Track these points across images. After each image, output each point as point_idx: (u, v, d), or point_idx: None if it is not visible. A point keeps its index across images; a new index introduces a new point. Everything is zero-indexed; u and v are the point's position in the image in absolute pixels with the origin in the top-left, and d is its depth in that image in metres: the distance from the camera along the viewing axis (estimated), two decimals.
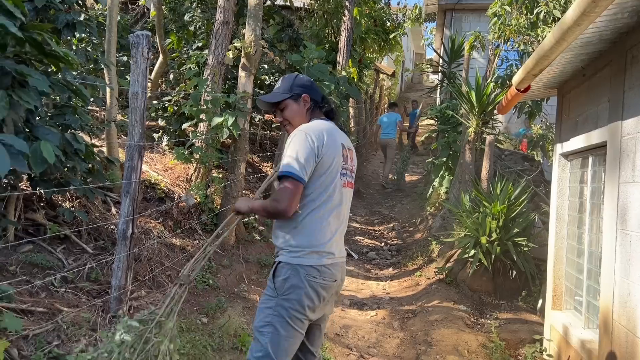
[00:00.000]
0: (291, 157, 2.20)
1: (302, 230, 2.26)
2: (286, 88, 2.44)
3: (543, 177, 7.93)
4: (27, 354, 2.76)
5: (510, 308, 5.12)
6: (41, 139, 2.04)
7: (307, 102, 2.44)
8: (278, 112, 2.48)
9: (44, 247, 3.85)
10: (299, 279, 2.21)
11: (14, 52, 2.15)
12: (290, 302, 2.21)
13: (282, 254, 2.29)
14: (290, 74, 2.52)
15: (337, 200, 2.32)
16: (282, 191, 2.17)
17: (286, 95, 2.43)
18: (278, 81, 2.52)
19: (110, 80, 4.70)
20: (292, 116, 2.43)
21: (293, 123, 2.41)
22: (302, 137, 2.24)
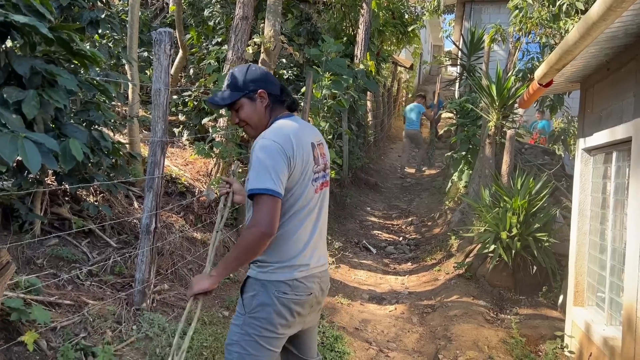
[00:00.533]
0: (262, 171, 1.93)
1: (272, 245, 2.01)
2: (238, 85, 2.12)
3: (564, 172, 7.83)
4: (55, 346, 2.83)
5: (530, 304, 5.09)
6: (69, 136, 2.09)
7: (264, 98, 2.13)
8: (232, 112, 2.17)
9: (69, 241, 3.93)
10: (268, 296, 2.03)
11: (43, 51, 2.20)
12: (259, 321, 2.03)
13: (252, 268, 2.10)
14: (240, 67, 2.19)
15: (309, 209, 2.10)
16: (259, 212, 1.91)
17: (239, 95, 2.11)
18: (227, 77, 2.19)
19: (132, 77, 4.76)
20: (250, 117, 2.13)
21: (251, 124, 2.14)
22: (269, 146, 1.96)
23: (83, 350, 2.86)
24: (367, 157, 11.61)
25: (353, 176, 10.14)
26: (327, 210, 2.26)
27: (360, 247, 7.17)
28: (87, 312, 3.19)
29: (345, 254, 6.58)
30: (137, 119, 4.87)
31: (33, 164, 1.61)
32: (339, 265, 6.15)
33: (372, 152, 12.71)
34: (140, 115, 5.81)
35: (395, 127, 18.38)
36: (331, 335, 4.05)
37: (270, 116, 2.15)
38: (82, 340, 2.93)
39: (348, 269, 6.15)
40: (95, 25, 3.80)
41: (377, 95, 13.41)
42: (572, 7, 5.40)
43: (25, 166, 3.34)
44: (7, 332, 2.73)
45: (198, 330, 3.39)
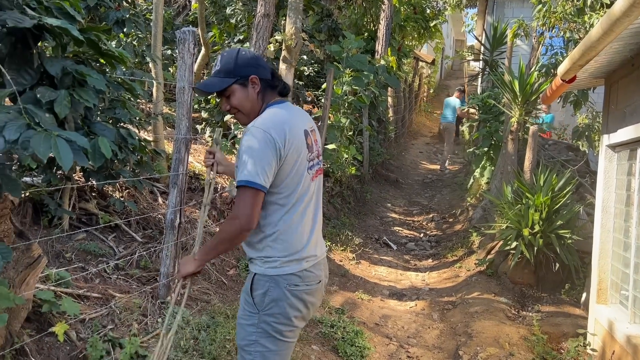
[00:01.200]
0: (249, 162, 1.87)
1: (277, 239, 1.99)
2: (229, 70, 2.02)
3: (588, 168, 7.72)
4: (84, 337, 2.92)
5: (552, 301, 5.05)
6: (98, 134, 2.16)
7: (256, 84, 2.04)
8: (223, 99, 2.07)
9: (96, 236, 4.04)
10: (280, 291, 1.99)
11: (73, 52, 2.27)
12: (274, 317, 2.00)
13: (257, 265, 2.04)
14: (229, 50, 2.09)
15: (308, 198, 2.06)
16: (239, 204, 1.89)
17: (230, 81, 2.01)
18: (215, 62, 2.09)
19: (157, 75, 4.84)
20: (241, 103, 2.04)
21: (243, 111, 2.05)
22: (259, 135, 1.89)
23: (111, 342, 2.95)
24: (388, 153, 11.60)
25: (373, 172, 10.15)
26: (321, 200, 2.22)
27: (381, 243, 7.18)
28: (114, 304, 3.28)
29: (365, 250, 6.61)
30: (161, 117, 4.96)
31: (65, 161, 1.68)
32: (359, 261, 6.18)
33: (393, 148, 12.69)
34: (164, 113, 5.91)
35: (417, 123, 18.30)
36: (351, 331, 4.09)
37: (263, 102, 2.07)
38: (110, 332, 3.01)
39: (368, 265, 6.17)
40: (121, 24, 3.89)
41: (398, 91, 13.36)
42: (597, 1, 5.33)
43: (54, 163, 3.46)
44: (38, 323, 2.83)
45: (221, 324, 3.46)
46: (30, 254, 2.61)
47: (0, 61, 1.91)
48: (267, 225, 2.00)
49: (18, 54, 1.95)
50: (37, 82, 2.03)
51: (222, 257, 4.55)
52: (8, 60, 1.94)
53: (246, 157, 1.88)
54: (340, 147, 7.14)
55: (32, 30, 1.89)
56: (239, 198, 1.90)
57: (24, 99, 1.87)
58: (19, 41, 1.97)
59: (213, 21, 8.46)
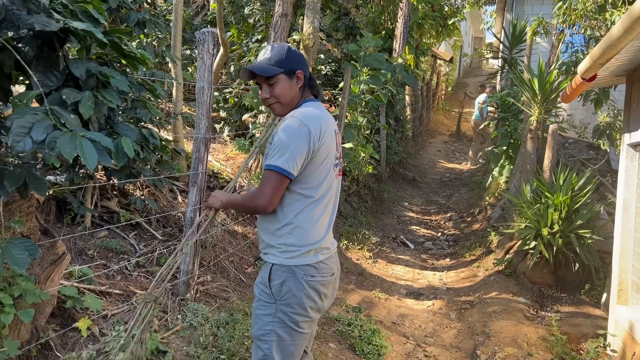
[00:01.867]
0: (282, 149, 1.96)
1: (297, 228, 2.05)
2: (279, 60, 2.09)
3: (610, 167, 7.62)
4: (106, 333, 2.99)
5: (572, 301, 5.00)
6: (121, 134, 2.20)
7: (300, 79, 2.13)
8: (265, 86, 2.11)
9: (118, 233, 4.11)
10: (297, 280, 2.04)
11: (96, 54, 2.33)
12: (291, 307, 2.05)
13: (274, 255, 2.09)
14: (280, 44, 2.16)
15: (331, 194, 2.15)
16: (264, 186, 1.98)
17: (280, 70, 2.07)
18: (265, 50, 2.15)
19: (177, 75, 4.90)
20: (283, 94, 2.10)
21: (282, 102, 2.11)
22: (297, 126, 1.98)
23: (132, 337, 3.00)
24: (405, 151, 11.57)
25: (391, 171, 10.13)
26: (339, 196, 2.32)
27: (398, 242, 7.18)
28: (135, 301, 3.34)
29: (382, 249, 6.61)
30: (180, 116, 5.02)
31: (90, 161, 1.72)
32: (377, 260, 6.19)
33: (411, 147, 12.65)
34: (184, 112, 5.98)
35: (435, 121, 18.20)
36: (369, 329, 4.10)
37: (301, 99, 2.16)
38: None
39: (385, 264, 6.18)
40: (142, 25, 3.95)
41: (415, 89, 13.32)
42: None
43: (77, 162, 3.53)
44: (62, 318, 2.90)
45: (240, 321, 3.50)
46: (55, 251, 2.68)
47: (27, 64, 1.96)
48: (289, 213, 2.06)
49: (44, 57, 2.00)
50: (62, 84, 2.08)
51: (240, 255, 4.60)
52: (35, 63, 1.99)
53: (280, 143, 1.97)
54: (358, 146, 7.14)
55: (58, 34, 1.94)
56: (265, 180, 1.98)
57: (50, 100, 1.92)
58: (45, 44, 2.03)
59: (231, 21, 8.52)
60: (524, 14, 12.19)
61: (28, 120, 1.80)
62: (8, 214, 2.34)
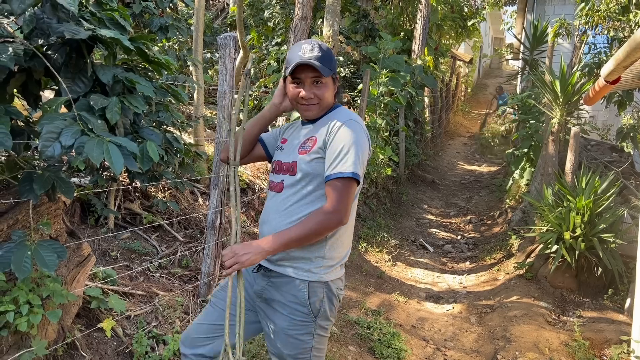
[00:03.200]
0: (352, 154, 1.84)
1: (339, 239, 1.96)
2: (330, 62, 1.95)
3: (633, 170, 7.50)
4: (130, 333, 3.04)
5: (594, 306, 4.93)
6: (146, 139, 2.24)
7: (337, 83, 2.06)
8: (309, 85, 1.95)
9: (140, 235, 4.18)
10: (332, 295, 1.97)
11: (122, 60, 2.37)
12: (327, 320, 1.99)
13: (311, 271, 1.94)
14: (323, 44, 1.99)
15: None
16: (341, 197, 1.83)
17: (331, 72, 1.95)
18: (310, 46, 1.93)
19: (198, 78, 4.96)
20: (325, 97, 1.97)
21: (322, 104, 1.98)
22: (360, 129, 1.91)
23: (155, 338, 3.05)
24: (424, 153, 11.52)
25: (410, 173, 10.10)
26: None
27: (417, 245, 7.15)
28: (157, 302, 3.39)
29: (401, 252, 6.59)
30: (202, 119, 5.08)
31: (117, 165, 1.76)
32: (396, 263, 6.17)
33: (430, 149, 12.58)
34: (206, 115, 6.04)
35: (454, 123, 18.09)
36: (388, 332, 4.10)
37: (334, 102, 2.06)
38: (154, 329, 3.12)
39: (404, 267, 6.16)
40: (165, 30, 4.01)
41: (434, 91, 13.25)
42: None
43: (101, 165, 3.60)
44: (87, 319, 2.96)
45: None
46: (80, 253, 2.73)
47: (57, 70, 2.01)
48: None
49: (73, 64, 2.05)
50: (89, 90, 2.12)
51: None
52: (64, 70, 2.04)
53: (349, 148, 1.84)
54: (377, 148, 7.14)
55: (86, 41, 1.99)
56: (340, 190, 1.83)
57: (78, 106, 1.97)
58: (73, 51, 2.08)
59: (251, 24, 8.59)
60: (545, 14, 12.05)
61: (57, 126, 1.84)
62: (36, 216, 2.40)
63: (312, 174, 1.92)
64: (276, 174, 2.06)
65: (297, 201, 1.94)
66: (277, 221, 1.96)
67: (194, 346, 2.11)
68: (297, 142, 2.02)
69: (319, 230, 1.83)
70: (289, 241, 1.83)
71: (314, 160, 1.92)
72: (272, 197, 2.05)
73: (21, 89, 2.19)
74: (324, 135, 1.92)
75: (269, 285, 1.99)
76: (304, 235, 1.83)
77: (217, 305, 2.12)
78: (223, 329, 2.05)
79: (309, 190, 1.94)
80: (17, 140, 2.16)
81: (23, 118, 2.14)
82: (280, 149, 2.12)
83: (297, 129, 2.12)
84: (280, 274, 1.96)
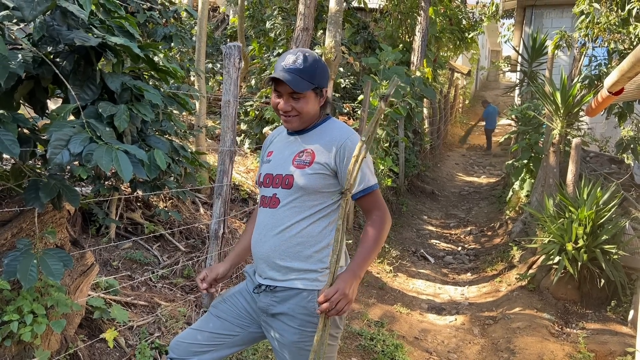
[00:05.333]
0: (367, 168, 1.93)
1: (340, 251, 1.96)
2: (312, 75, 1.88)
3: (633, 181, 7.50)
4: (132, 343, 3.00)
5: (597, 318, 4.91)
6: (153, 147, 2.23)
7: (324, 97, 1.99)
8: (287, 97, 1.91)
9: (142, 245, 4.15)
10: None
11: (129, 68, 2.37)
12: (337, 328, 1.96)
13: (320, 280, 1.92)
14: (311, 53, 1.95)
15: None
16: (381, 205, 1.95)
17: (311, 86, 1.89)
18: (295, 56, 1.90)
19: (200, 88, 4.96)
20: (306, 110, 1.92)
21: (303, 117, 1.93)
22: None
23: (158, 349, 3.02)
24: (424, 164, 11.53)
25: (409, 184, 10.09)
26: None
27: (418, 256, 7.13)
28: (160, 312, 3.36)
29: (402, 263, 6.57)
30: (204, 129, 5.07)
31: (126, 173, 1.75)
32: (397, 274, 6.15)
33: (429, 160, 12.60)
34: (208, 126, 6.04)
35: (452, 134, 18.14)
36: (391, 344, 4.07)
37: (320, 115, 2.01)
38: (157, 340, 3.09)
39: (406, 278, 6.13)
40: (169, 40, 4.01)
41: (433, 102, 13.30)
42: None
43: (103, 174, 3.57)
44: (89, 329, 2.92)
45: None
46: (84, 262, 2.71)
47: (65, 77, 2.00)
48: (328, 231, 1.94)
49: (81, 71, 2.04)
50: (97, 97, 2.12)
51: None
52: (72, 77, 2.03)
53: (364, 164, 1.89)
54: (377, 159, 7.13)
55: (95, 48, 1.98)
56: (376, 200, 1.94)
57: (86, 114, 1.96)
58: (82, 58, 2.07)
59: (251, 35, 8.62)
60: (543, 27, 12.14)
61: (66, 133, 1.83)
62: (41, 224, 2.38)
63: (311, 189, 1.91)
64: (266, 188, 2.01)
65: (299, 218, 1.92)
66: (276, 240, 1.94)
67: (188, 354, 2.06)
68: (289, 154, 1.98)
69: (384, 237, 1.94)
70: (367, 262, 1.90)
71: (315, 175, 1.90)
72: (266, 213, 1.99)
73: (28, 97, 2.18)
74: (326, 152, 1.91)
75: (275, 300, 1.95)
76: (379, 248, 1.92)
77: (219, 316, 2.09)
78: (224, 338, 2.06)
79: (309, 205, 1.92)
80: (24, 148, 2.15)
81: (30, 125, 2.13)
82: (268, 162, 2.06)
83: (284, 140, 2.06)
84: (286, 287, 1.93)
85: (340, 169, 1.90)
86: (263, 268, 1.98)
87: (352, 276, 1.81)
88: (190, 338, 2.08)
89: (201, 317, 2.18)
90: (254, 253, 2.03)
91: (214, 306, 2.13)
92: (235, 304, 2.08)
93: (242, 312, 2.06)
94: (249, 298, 2.06)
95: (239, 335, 2.07)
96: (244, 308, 2.06)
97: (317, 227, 1.93)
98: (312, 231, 1.92)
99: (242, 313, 2.06)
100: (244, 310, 2.06)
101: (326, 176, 1.91)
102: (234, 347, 2.10)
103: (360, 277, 1.85)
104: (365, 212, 1.97)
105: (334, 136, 1.94)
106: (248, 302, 2.06)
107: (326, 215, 1.95)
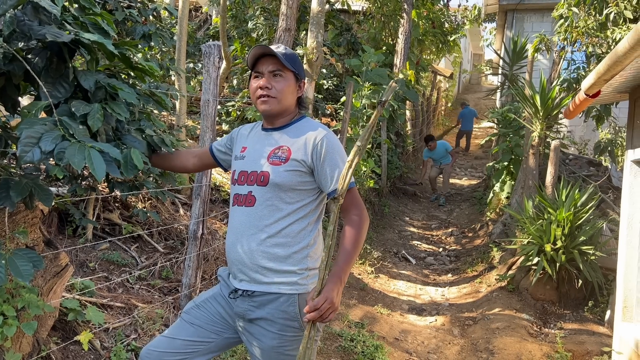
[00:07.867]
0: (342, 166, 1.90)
1: (317, 251, 1.96)
2: (293, 60, 1.96)
3: (611, 183, 7.63)
4: (108, 346, 2.95)
5: (575, 318, 4.97)
6: (130, 146, 2.20)
7: (302, 89, 2.05)
8: (268, 76, 1.93)
9: (119, 246, 4.09)
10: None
11: (104, 66, 2.33)
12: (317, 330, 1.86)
13: (299, 283, 1.90)
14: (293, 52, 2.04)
15: None
16: (359, 203, 1.91)
17: (292, 69, 1.95)
18: (275, 45, 1.98)
19: (180, 87, 4.92)
20: (284, 92, 1.94)
21: (280, 100, 1.94)
22: (338, 140, 1.97)
23: (134, 351, 2.97)
24: (406, 166, 11.57)
25: (392, 186, 10.12)
26: None
27: (400, 257, 7.15)
28: (136, 314, 3.31)
29: (384, 264, 6.58)
30: (184, 129, 5.02)
31: (99, 171, 1.71)
32: (378, 275, 6.15)
33: (411, 162, 12.65)
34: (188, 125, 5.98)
35: None
36: (371, 345, 4.06)
37: (295, 110, 2.04)
38: (133, 342, 3.04)
39: (387, 279, 6.14)
40: (148, 38, 3.96)
41: (416, 105, 13.37)
42: (620, 16, 5.29)
43: (79, 174, 3.51)
44: (64, 331, 2.87)
45: None
46: (58, 263, 2.65)
47: (37, 74, 1.96)
48: (307, 232, 1.92)
49: (54, 68, 2.00)
50: (70, 95, 2.07)
51: None
52: (44, 74, 1.99)
53: (341, 161, 1.90)
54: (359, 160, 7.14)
55: (68, 45, 1.94)
56: (355, 198, 1.90)
57: (59, 112, 1.92)
58: (55, 55, 2.03)
59: (234, 35, 8.57)
60: (523, 31, 12.30)
61: (37, 131, 1.79)
62: (12, 224, 2.33)
63: (287, 186, 1.89)
64: (241, 185, 1.97)
65: (277, 217, 1.89)
66: (253, 240, 1.91)
67: None
68: (265, 150, 1.96)
69: (364, 237, 1.89)
70: (350, 264, 1.84)
71: (291, 172, 1.89)
72: (241, 212, 1.95)
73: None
74: (302, 149, 1.90)
75: (253, 305, 1.90)
76: (359, 250, 1.88)
77: (192, 323, 2.01)
78: (198, 345, 1.99)
79: (286, 203, 1.90)
80: None
81: (1, 123, 2.08)
82: (242, 158, 2.03)
83: (259, 136, 2.05)
84: (264, 292, 1.89)
85: (317, 166, 1.90)
86: (239, 270, 1.94)
87: (338, 282, 1.78)
88: (162, 346, 1.99)
89: (173, 323, 2.13)
90: (229, 256, 1.99)
91: (186, 312, 2.06)
92: (209, 309, 2.02)
93: (217, 317, 2.00)
94: (223, 303, 2.01)
95: (214, 341, 2.01)
96: (218, 313, 2.00)
97: (296, 227, 1.90)
98: (291, 231, 1.90)
99: (217, 319, 2.00)
100: (218, 316, 2.00)
101: (302, 173, 1.90)
102: (208, 354, 2.02)
103: (344, 282, 1.82)
104: (343, 210, 1.90)
105: (310, 134, 1.93)
106: (223, 307, 2.00)
107: (305, 216, 1.93)
